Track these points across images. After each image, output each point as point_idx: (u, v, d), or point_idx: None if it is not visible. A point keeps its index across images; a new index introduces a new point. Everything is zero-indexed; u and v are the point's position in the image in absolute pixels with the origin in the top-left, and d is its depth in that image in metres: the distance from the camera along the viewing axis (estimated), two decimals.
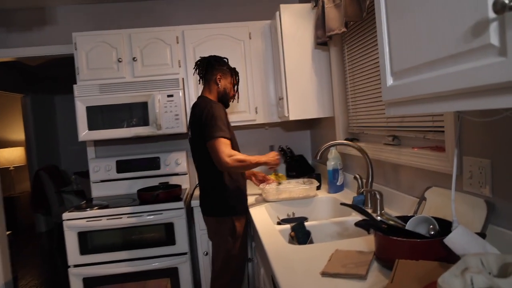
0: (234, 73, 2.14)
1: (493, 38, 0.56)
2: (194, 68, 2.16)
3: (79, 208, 2.45)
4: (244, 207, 2.07)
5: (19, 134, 5.91)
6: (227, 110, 2.09)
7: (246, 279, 2.26)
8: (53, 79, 6.13)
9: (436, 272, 0.85)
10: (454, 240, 0.92)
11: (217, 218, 2.03)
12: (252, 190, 2.41)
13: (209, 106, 1.94)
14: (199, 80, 2.13)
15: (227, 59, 2.14)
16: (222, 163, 1.86)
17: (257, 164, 1.98)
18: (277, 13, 2.41)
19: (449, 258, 0.93)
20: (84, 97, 2.56)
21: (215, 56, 2.10)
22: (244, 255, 2.07)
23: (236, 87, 2.16)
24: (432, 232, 1.07)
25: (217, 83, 2.06)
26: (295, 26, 2.38)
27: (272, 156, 2.08)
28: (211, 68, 2.06)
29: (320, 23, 2.17)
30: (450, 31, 0.66)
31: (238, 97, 2.24)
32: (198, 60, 2.12)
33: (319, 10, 2.19)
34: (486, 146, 1.10)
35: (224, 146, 1.87)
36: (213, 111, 1.92)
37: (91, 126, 2.58)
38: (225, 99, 2.11)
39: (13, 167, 5.65)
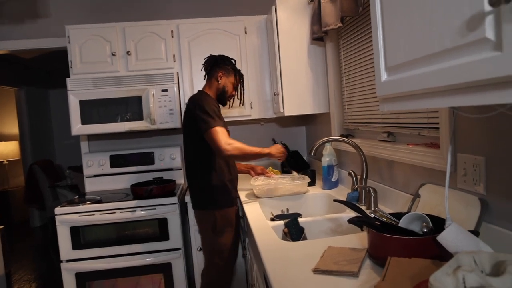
0: (238, 74, 2.16)
1: (489, 32, 0.54)
2: (202, 64, 2.19)
3: (71, 203, 2.43)
4: (228, 201, 2.03)
5: (13, 128, 5.86)
6: (222, 108, 2.09)
7: (235, 276, 2.24)
8: (47, 72, 6.07)
9: (428, 270, 0.84)
10: (447, 237, 0.91)
11: (200, 211, 2.02)
12: (246, 186, 2.40)
13: (203, 99, 1.98)
14: (205, 76, 2.16)
15: (235, 61, 2.16)
16: (222, 150, 1.85)
17: (259, 154, 1.96)
18: (273, 7, 2.38)
19: (443, 256, 0.93)
20: (77, 90, 2.53)
21: (223, 56, 2.14)
22: (231, 250, 2.04)
23: (239, 88, 2.18)
24: (425, 230, 1.07)
25: (218, 80, 2.09)
26: (291, 21, 2.35)
27: (277, 147, 2.06)
28: (216, 65, 2.09)
29: (316, 18, 2.15)
30: (445, 25, 0.64)
31: (242, 99, 2.23)
32: (207, 57, 2.16)
33: (315, 5, 2.16)
34: (480, 143, 1.09)
35: (221, 135, 1.89)
36: (205, 104, 1.95)
37: (84, 120, 2.55)
38: (223, 96, 2.12)
39: (7, 161, 5.61)
